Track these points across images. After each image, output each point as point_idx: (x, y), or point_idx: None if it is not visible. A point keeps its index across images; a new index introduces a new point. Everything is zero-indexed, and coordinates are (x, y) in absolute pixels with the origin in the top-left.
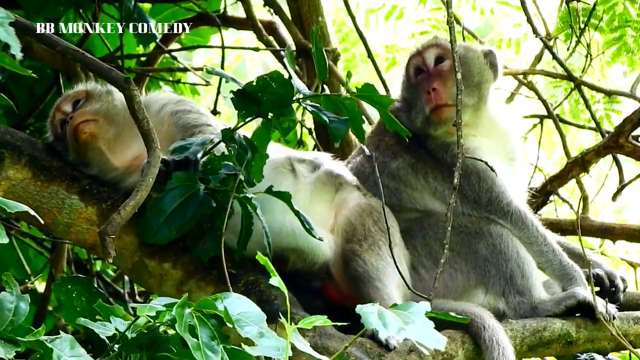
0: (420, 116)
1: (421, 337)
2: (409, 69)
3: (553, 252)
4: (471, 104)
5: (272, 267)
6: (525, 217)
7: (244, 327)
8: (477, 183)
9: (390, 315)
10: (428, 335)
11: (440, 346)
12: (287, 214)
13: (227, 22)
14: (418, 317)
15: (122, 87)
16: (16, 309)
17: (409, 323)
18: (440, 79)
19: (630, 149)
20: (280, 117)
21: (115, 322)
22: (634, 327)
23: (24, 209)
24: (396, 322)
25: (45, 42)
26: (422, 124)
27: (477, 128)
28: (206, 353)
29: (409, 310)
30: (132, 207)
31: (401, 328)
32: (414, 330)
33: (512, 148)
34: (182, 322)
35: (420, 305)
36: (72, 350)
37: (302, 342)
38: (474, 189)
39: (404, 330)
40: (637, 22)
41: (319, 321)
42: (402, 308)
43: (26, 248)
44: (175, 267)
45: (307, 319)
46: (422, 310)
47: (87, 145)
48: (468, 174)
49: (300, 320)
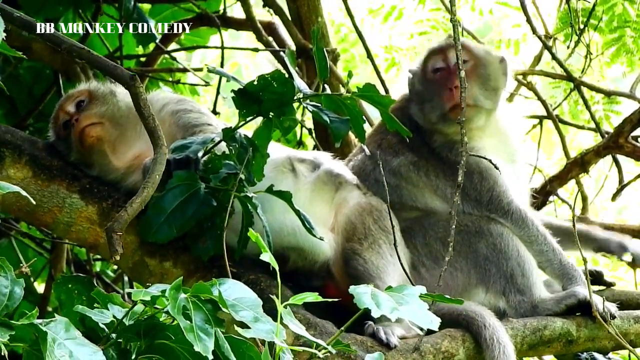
0: (436, 111)
1: (414, 317)
2: (427, 64)
3: (553, 251)
4: (488, 108)
5: (263, 243)
6: (526, 216)
7: (239, 311)
8: (479, 182)
9: (383, 296)
10: (421, 316)
11: (434, 326)
12: (287, 213)
13: (227, 22)
14: (412, 298)
15: (127, 84)
16: (11, 294)
17: (402, 304)
18: (454, 80)
19: (629, 150)
20: (281, 117)
21: (112, 309)
22: (634, 326)
23: (14, 190)
24: (390, 303)
25: (50, 40)
26: (437, 119)
27: (485, 130)
28: (199, 335)
29: (403, 292)
30: (139, 204)
31: (394, 308)
32: (408, 310)
33: (513, 149)
34: (175, 304)
35: (415, 287)
36: (67, 333)
37: (297, 324)
38: (476, 188)
39: (397, 310)
40: (636, 22)
41: (309, 297)
42: (397, 290)
43: (26, 248)
44: (175, 266)
45: (297, 296)
46: (417, 292)
47: (93, 149)
48: (470, 172)
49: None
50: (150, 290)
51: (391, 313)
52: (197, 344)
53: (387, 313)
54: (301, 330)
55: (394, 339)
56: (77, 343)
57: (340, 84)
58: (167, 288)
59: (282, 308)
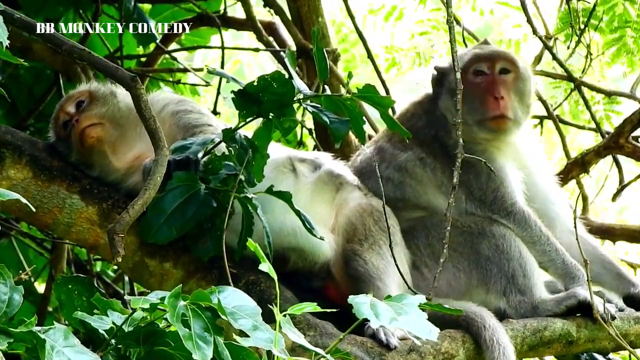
0: (476, 115)
1: (414, 327)
2: (471, 66)
3: (556, 251)
4: (522, 122)
5: (262, 253)
6: (529, 217)
7: (238, 319)
8: (486, 182)
9: (382, 306)
10: (421, 326)
11: (432, 337)
12: (287, 214)
13: (227, 22)
14: (411, 308)
15: (128, 85)
16: (10, 300)
17: (401, 314)
18: (505, 90)
19: (630, 150)
20: (281, 117)
21: (112, 315)
22: (635, 327)
23: (15, 197)
24: (388, 313)
25: (51, 41)
26: (473, 122)
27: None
28: (198, 343)
29: (403, 302)
30: (141, 205)
31: (393, 318)
32: (407, 320)
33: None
34: (174, 312)
35: (414, 297)
36: (65, 341)
37: (296, 332)
38: (482, 187)
39: (396, 320)
40: (637, 22)
41: (308, 308)
42: (395, 299)
43: (26, 249)
44: (175, 267)
45: (297, 305)
46: (416, 302)
47: (93, 149)
48: (478, 171)
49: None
50: (150, 297)
51: (390, 323)
52: (195, 352)
53: (386, 323)
54: (300, 339)
55: (394, 340)
56: (75, 351)
57: (340, 85)
58: (166, 295)
59: (282, 317)
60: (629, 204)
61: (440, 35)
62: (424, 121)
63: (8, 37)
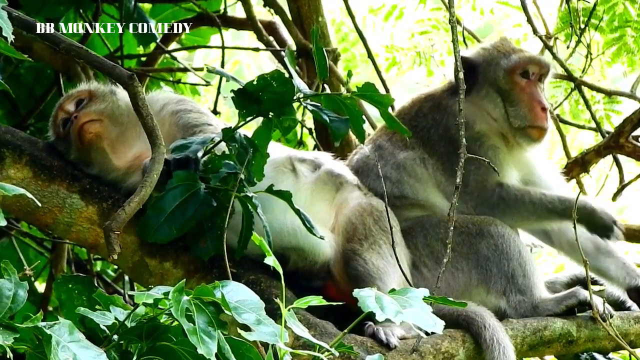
0: (521, 121)
1: (419, 320)
2: (518, 67)
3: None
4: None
5: (267, 247)
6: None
7: (241, 314)
8: (485, 173)
9: (387, 299)
10: (426, 319)
11: (438, 330)
12: (287, 213)
13: (227, 22)
14: (416, 301)
15: (125, 83)
16: (14, 296)
17: (406, 307)
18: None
19: (630, 149)
20: (281, 117)
21: (114, 311)
22: (635, 327)
23: (20, 192)
24: (393, 306)
25: (49, 40)
26: (516, 126)
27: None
28: (202, 337)
29: (407, 295)
30: (137, 202)
31: (398, 312)
32: (412, 313)
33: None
34: (178, 306)
35: (418, 290)
36: (71, 336)
37: (300, 327)
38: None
39: (402, 313)
40: (637, 22)
41: (313, 301)
42: (400, 293)
43: (26, 248)
44: (176, 267)
45: (302, 299)
46: (420, 295)
47: (92, 146)
48: (479, 164)
49: (300, 320)
50: (153, 292)
51: (395, 317)
52: (200, 346)
53: (391, 317)
54: (304, 332)
55: (394, 339)
56: (80, 346)
57: (340, 84)
58: (170, 290)
59: (286, 311)
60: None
61: (440, 34)
62: (429, 120)
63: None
